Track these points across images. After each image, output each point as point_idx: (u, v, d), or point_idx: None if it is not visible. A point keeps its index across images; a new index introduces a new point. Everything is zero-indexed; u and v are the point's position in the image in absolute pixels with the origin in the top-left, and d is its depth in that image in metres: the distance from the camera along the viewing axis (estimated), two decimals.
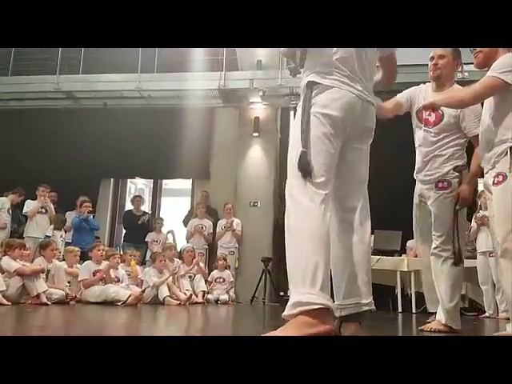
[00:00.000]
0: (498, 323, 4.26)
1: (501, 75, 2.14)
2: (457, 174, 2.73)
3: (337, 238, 1.79)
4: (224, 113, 7.45)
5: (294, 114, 1.82)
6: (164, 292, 4.81)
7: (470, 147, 2.78)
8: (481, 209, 5.11)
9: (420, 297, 5.27)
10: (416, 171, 2.91)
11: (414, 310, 5.18)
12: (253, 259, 6.45)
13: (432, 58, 2.86)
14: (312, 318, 1.47)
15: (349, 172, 1.80)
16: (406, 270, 5.34)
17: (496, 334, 2.51)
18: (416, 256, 5.35)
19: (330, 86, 1.71)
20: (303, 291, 1.50)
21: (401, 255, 5.65)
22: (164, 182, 8.12)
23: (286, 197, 1.68)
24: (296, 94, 6.34)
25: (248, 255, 6.68)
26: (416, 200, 2.92)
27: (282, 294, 6.19)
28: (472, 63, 2.44)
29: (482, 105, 2.43)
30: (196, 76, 6.97)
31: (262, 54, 6.93)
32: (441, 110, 2.75)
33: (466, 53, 2.62)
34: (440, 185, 2.75)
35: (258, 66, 7.09)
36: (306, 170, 1.63)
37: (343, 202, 1.81)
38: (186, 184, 7.95)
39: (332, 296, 1.69)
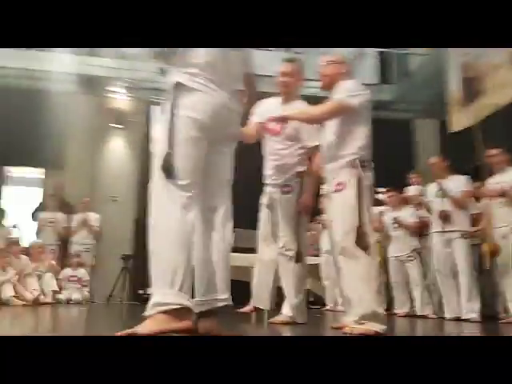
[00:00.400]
0: (337, 315, 4.72)
1: (347, 99, 2.42)
2: (298, 179, 3.02)
3: (199, 237, 1.82)
4: (84, 100, 6.89)
5: (160, 110, 1.80)
6: (8, 291, 4.28)
7: None
8: (323, 213, 5.64)
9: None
10: (266, 177, 3.14)
11: None
12: (111, 256, 6.14)
13: (281, 74, 3.10)
14: (170, 316, 1.52)
15: (212, 174, 1.84)
16: None
17: (333, 326, 2.78)
18: None
19: (197, 89, 1.71)
20: (162, 292, 1.56)
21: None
22: (8, 168, 7.21)
23: (149, 196, 1.69)
24: (162, 90, 6.15)
25: (106, 252, 6.30)
26: (265, 202, 3.13)
27: (140, 292, 5.99)
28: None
29: None
30: (53, 56, 6.35)
31: None
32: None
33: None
34: (285, 189, 3.02)
35: (123, 56, 6.78)
36: (169, 171, 1.65)
37: (206, 202, 1.84)
38: (35, 173, 7.19)
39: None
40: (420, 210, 5.12)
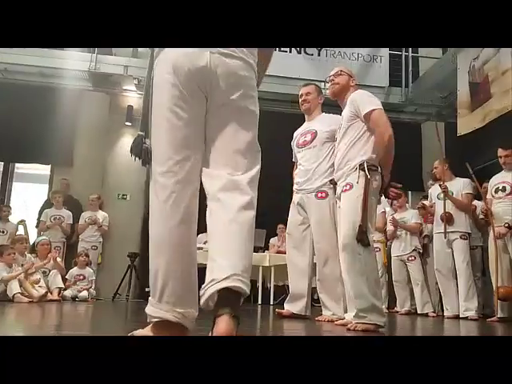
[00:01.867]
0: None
1: (378, 106, 2.56)
2: (332, 185, 3.24)
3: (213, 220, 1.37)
4: (94, 97, 6.94)
5: None
6: (14, 288, 4.36)
7: None
8: None
9: (277, 290, 5.75)
10: (298, 184, 3.46)
11: (272, 302, 5.61)
12: (118, 254, 6.19)
13: (301, 95, 3.55)
14: (159, 326, 1.35)
15: (217, 142, 1.38)
16: (267, 265, 5.70)
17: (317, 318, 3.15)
18: (278, 252, 5.80)
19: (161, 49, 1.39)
20: (151, 302, 1.37)
21: (264, 251, 6.01)
22: (17, 165, 7.31)
23: None
24: None
25: (113, 250, 6.38)
26: (295, 209, 3.49)
27: (147, 289, 6.07)
28: None
29: None
30: (64, 54, 6.43)
31: None
32: (315, 131, 3.42)
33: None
34: (319, 195, 3.33)
35: (134, 54, 6.84)
36: (141, 156, 1.39)
37: (214, 182, 1.37)
38: (44, 170, 7.29)
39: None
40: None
